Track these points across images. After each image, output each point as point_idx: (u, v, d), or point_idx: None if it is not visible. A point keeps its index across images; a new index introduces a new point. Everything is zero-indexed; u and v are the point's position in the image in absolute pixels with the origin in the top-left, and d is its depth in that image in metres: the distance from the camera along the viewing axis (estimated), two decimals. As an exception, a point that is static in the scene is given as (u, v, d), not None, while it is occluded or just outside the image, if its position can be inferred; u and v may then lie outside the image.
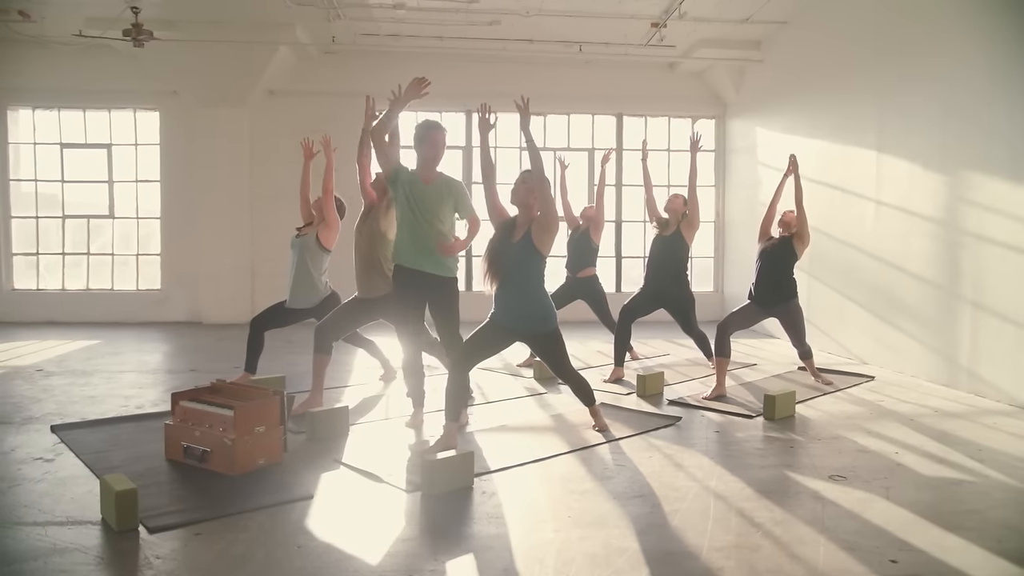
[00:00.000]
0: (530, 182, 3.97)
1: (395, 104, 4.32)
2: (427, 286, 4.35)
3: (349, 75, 9.61)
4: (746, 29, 8.55)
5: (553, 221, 3.94)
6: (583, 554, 2.67)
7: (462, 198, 4.41)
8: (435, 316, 4.46)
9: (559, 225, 4.03)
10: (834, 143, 7.41)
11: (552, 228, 3.94)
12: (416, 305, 4.42)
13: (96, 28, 8.18)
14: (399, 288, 4.39)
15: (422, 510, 3.11)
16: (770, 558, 2.64)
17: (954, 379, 5.64)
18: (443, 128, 4.44)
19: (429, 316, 4.54)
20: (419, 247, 4.28)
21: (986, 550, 2.73)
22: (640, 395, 5.32)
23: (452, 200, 4.37)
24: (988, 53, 5.35)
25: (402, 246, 4.35)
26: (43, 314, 9.44)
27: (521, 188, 4.00)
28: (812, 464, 3.77)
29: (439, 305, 4.41)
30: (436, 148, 4.34)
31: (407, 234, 4.31)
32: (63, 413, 4.66)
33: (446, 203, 4.34)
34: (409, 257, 4.31)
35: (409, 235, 4.30)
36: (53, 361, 6.60)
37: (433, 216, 4.28)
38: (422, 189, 4.29)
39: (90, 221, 9.80)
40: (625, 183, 10.35)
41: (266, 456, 3.61)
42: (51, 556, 2.60)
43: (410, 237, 4.30)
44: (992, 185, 5.32)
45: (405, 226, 4.32)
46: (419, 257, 4.29)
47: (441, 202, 4.32)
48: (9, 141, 9.59)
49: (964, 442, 4.17)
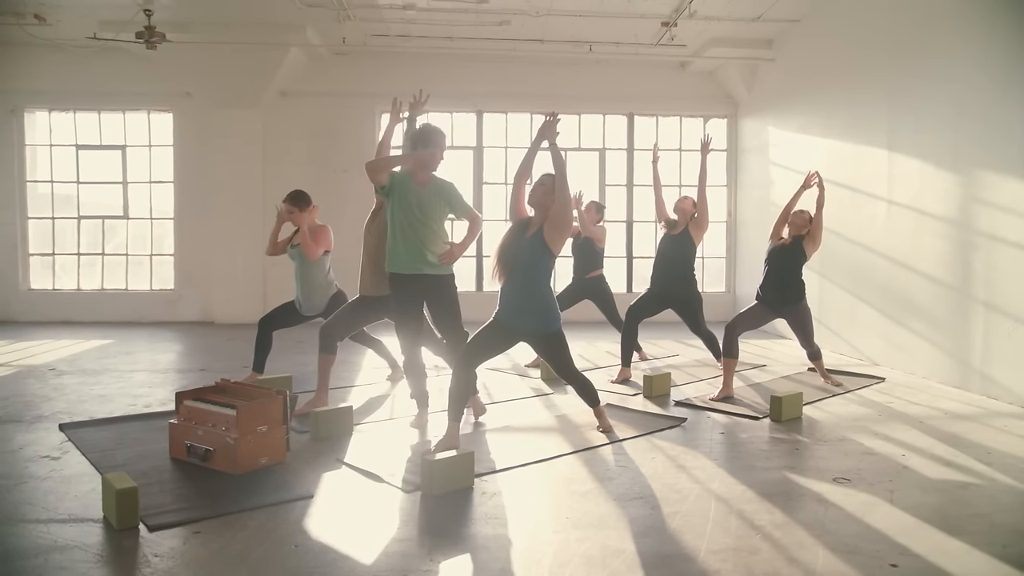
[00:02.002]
0: (548, 184, 4.01)
1: (394, 119, 4.45)
2: (426, 287, 4.35)
3: (360, 76, 9.66)
4: (757, 28, 8.49)
5: (566, 221, 3.98)
6: (580, 556, 2.66)
7: (457, 198, 4.41)
8: (436, 315, 4.46)
9: (571, 225, 4.07)
10: (846, 143, 7.34)
11: (564, 227, 3.98)
12: (415, 308, 4.43)
13: (110, 31, 8.27)
14: (397, 294, 4.40)
15: (421, 510, 3.11)
16: (768, 561, 2.62)
17: (966, 381, 5.57)
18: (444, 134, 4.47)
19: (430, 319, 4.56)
20: (414, 250, 4.28)
21: (990, 555, 2.69)
22: (647, 396, 5.29)
23: (446, 202, 4.37)
24: (1000, 52, 5.28)
25: (396, 252, 4.32)
26: (59, 314, 9.55)
27: (539, 190, 4.04)
28: (816, 466, 3.74)
29: (439, 304, 4.41)
30: (439, 152, 4.36)
31: (401, 239, 4.29)
32: (72, 412, 4.72)
33: (441, 205, 4.35)
34: (405, 262, 4.30)
35: (403, 240, 4.29)
36: (66, 360, 6.68)
37: (429, 218, 4.29)
38: (419, 191, 4.29)
39: (105, 222, 9.91)
40: (636, 183, 10.30)
41: (269, 455, 3.63)
42: (52, 553, 2.63)
43: (404, 242, 4.28)
44: (1004, 185, 5.24)
45: (398, 231, 4.29)
46: (416, 260, 4.29)
47: (437, 204, 4.33)
48: (26, 143, 9.71)
49: (973, 445, 4.12)
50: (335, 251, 5.59)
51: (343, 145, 9.81)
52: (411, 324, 4.42)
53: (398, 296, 4.39)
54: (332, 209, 9.73)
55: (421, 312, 4.48)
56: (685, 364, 6.69)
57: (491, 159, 10.12)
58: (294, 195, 5.33)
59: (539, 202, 4.03)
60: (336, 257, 5.65)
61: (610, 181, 10.27)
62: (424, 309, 4.50)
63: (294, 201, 5.29)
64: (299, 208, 5.27)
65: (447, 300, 4.40)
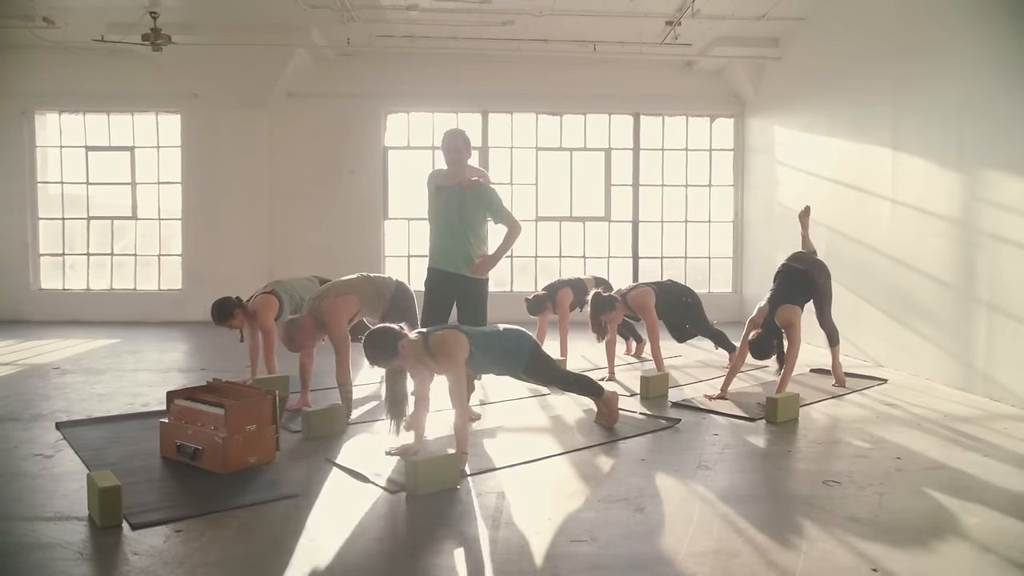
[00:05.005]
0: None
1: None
2: (461, 287, 4.59)
3: (366, 77, 9.69)
4: (763, 26, 8.42)
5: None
6: (558, 556, 2.65)
7: (497, 204, 4.66)
8: (464, 314, 4.65)
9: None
10: (851, 142, 7.26)
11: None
12: (445, 304, 4.64)
13: (117, 33, 8.34)
14: (432, 288, 4.63)
15: (405, 511, 3.11)
16: (747, 564, 2.59)
17: (969, 383, 5.49)
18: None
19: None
20: (456, 250, 4.55)
21: (974, 560, 2.65)
22: (644, 397, 5.26)
23: (485, 207, 4.61)
24: (1006, 50, 5.20)
25: (438, 249, 4.63)
26: (68, 313, 9.66)
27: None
28: (808, 469, 3.70)
29: (470, 304, 4.63)
30: (449, 155, 4.58)
31: (447, 238, 4.58)
32: (71, 410, 4.76)
33: (480, 210, 4.59)
34: (446, 261, 4.59)
35: (446, 239, 4.57)
36: (71, 359, 6.75)
37: (469, 222, 4.55)
38: (460, 195, 4.50)
39: (114, 222, 10.01)
40: (642, 183, 10.26)
41: (258, 455, 3.65)
42: (33, 551, 2.65)
43: (447, 241, 4.57)
44: (1009, 184, 5.16)
45: (443, 230, 4.59)
46: (456, 261, 4.56)
47: (477, 208, 4.57)
48: (37, 144, 9.83)
49: (970, 448, 4.06)
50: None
51: (349, 146, 9.85)
52: (436, 318, 4.60)
53: (432, 290, 4.63)
54: (337, 209, 9.82)
55: (449, 309, 4.67)
56: (686, 365, 6.65)
57: (497, 160, 10.12)
58: (215, 313, 5.22)
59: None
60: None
61: (616, 181, 10.23)
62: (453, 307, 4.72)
63: (218, 319, 5.22)
64: (226, 322, 5.19)
65: (477, 301, 4.63)
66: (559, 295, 6.68)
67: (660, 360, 5.90)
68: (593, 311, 5.81)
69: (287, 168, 9.73)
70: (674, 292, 6.20)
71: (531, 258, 10.19)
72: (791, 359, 5.00)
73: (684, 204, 10.35)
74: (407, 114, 9.99)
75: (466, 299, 4.61)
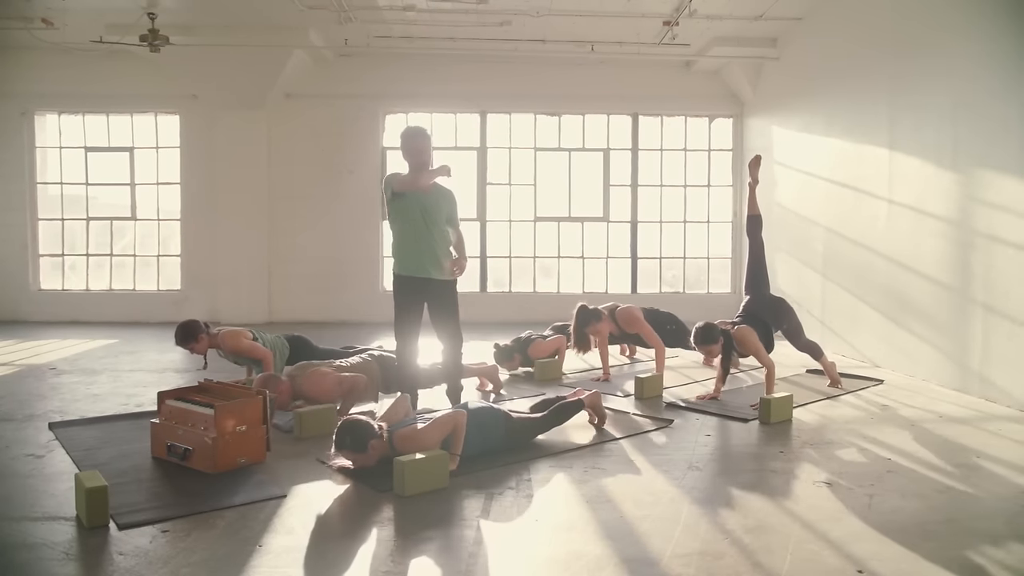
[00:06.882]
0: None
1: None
2: (431, 291, 4.57)
3: (364, 77, 9.70)
4: (761, 26, 8.41)
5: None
6: (543, 557, 2.65)
7: (455, 208, 4.70)
8: (437, 317, 4.65)
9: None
10: (847, 141, 7.25)
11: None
12: (416, 308, 4.60)
13: (115, 34, 8.36)
14: (402, 295, 4.57)
15: (393, 511, 3.11)
16: (732, 566, 2.58)
17: (965, 384, 5.48)
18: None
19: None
20: (424, 255, 4.51)
21: (956, 563, 2.63)
22: (638, 397, 5.26)
23: (448, 208, 4.63)
24: (1002, 49, 5.19)
25: (406, 256, 4.55)
26: (68, 314, 9.68)
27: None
28: (799, 470, 3.69)
29: (442, 307, 4.62)
30: (410, 156, 4.54)
31: (412, 243, 4.51)
32: (64, 411, 4.77)
33: (443, 210, 4.59)
34: (414, 267, 4.53)
35: (413, 244, 4.51)
36: (68, 360, 6.76)
37: (434, 223, 4.52)
38: (423, 198, 4.49)
39: (113, 223, 10.03)
40: (641, 183, 10.25)
41: (248, 455, 3.65)
42: (19, 551, 2.66)
43: (414, 246, 4.51)
44: (1005, 184, 5.15)
45: (409, 236, 4.51)
46: (424, 265, 4.51)
47: (440, 209, 4.57)
48: (36, 145, 9.86)
49: (963, 449, 4.05)
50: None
51: (348, 146, 9.86)
52: (409, 324, 4.59)
53: (403, 297, 4.57)
54: (336, 209, 9.82)
55: (421, 312, 4.64)
56: (683, 366, 6.64)
57: (495, 160, 10.12)
58: (178, 333, 5.10)
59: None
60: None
61: (614, 181, 10.22)
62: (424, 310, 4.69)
63: (180, 340, 5.07)
64: (188, 344, 5.08)
65: (449, 303, 4.63)
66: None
67: (662, 364, 5.85)
68: (578, 323, 5.78)
69: (286, 169, 9.75)
70: (659, 319, 6.19)
71: (530, 259, 10.19)
72: (767, 363, 5.01)
73: (683, 204, 10.34)
74: (405, 114, 10.00)
75: (438, 301, 4.60)
